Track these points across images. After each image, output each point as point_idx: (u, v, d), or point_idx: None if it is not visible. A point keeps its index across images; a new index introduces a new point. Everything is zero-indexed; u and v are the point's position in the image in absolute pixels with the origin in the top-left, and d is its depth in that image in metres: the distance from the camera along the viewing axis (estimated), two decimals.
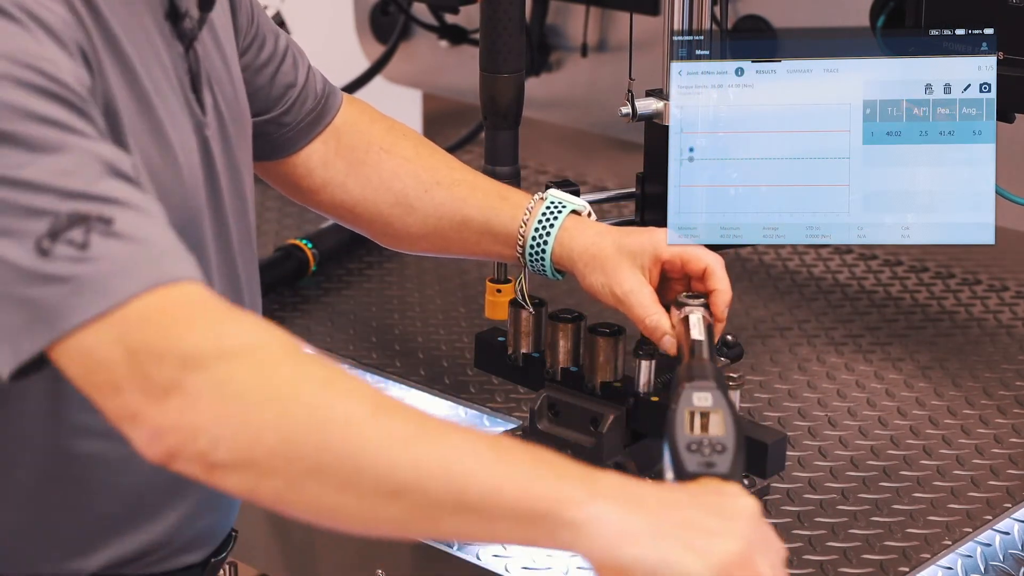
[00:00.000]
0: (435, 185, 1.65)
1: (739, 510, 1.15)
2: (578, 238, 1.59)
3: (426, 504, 1.10)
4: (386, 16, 2.72)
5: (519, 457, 1.13)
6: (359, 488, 1.09)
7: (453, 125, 2.74)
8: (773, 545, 1.17)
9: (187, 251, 1.17)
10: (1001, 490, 1.68)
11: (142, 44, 1.28)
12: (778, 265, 2.29)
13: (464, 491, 1.10)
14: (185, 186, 1.31)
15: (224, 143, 1.39)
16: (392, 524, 1.12)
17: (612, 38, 2.47)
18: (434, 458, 1.10)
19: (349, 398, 1.12)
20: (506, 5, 1.75)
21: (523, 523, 1.10)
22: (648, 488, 1.16)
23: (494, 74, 1.77)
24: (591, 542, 1.10)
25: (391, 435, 1.10)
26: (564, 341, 1.64)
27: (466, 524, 1.11)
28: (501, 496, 1.10)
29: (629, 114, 1.76)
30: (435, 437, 1.11)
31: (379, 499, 1.10)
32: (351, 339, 2.04)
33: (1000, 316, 2.12)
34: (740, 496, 1.17)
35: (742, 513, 1.15)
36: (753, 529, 1.15)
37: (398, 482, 1.09)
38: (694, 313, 1.49)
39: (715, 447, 1.24)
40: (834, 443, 1.78)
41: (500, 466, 1.11)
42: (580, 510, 1.10)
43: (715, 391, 1.31)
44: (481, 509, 1.10)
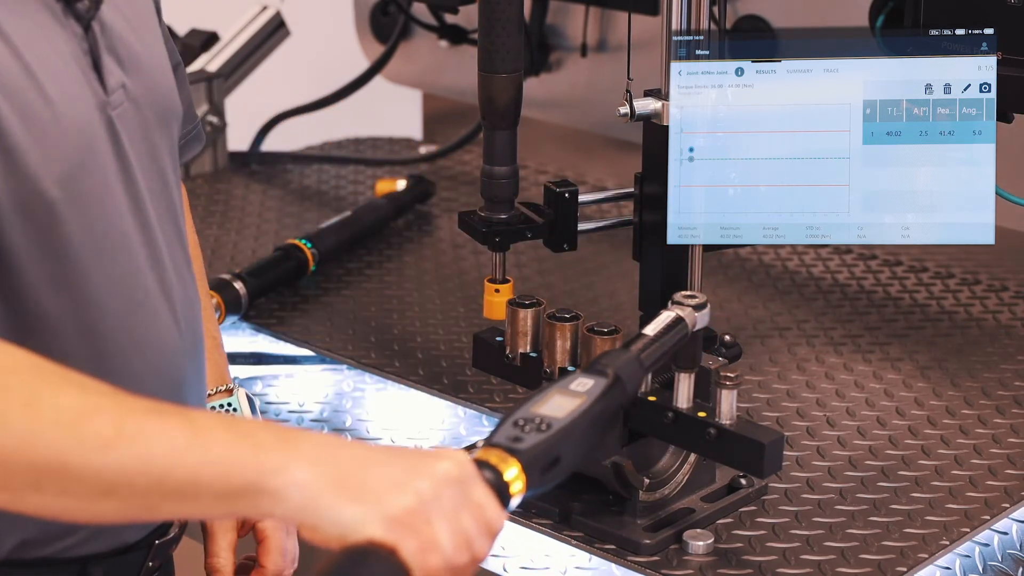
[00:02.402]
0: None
1: (427, 471, 1.19)
2: None
3: (137, 497, 1.19)
4: (386, 16, 2.73)
5: (217, 436, 1.19)
6: (74, 493, 1.18)
7: (453, 125, 2.74)
8: (470, 513, 1.19)
9: None
10: (999, 490, 1.68)
11: (25, 23, 1.29)
12: (778, 265, 2.29)
13: (167, 482, 1.18)
14: (74, 151, 1.31)
15: (141, 126, 1.39)
16: (114, 515, 1.22)
17: (612, 38, 2.47)
18: (134, 457, 1.17)
19: (52, 410, 1.18)
20: (505, 5, 1.75)
21: (227, 499, 1.18)
22: (350, 448, 1.21)
23: (492, 74, 1.77)
24: (285, 505, 1.17)
25: (92, 441, 1.17)
26: (561, 341, 1.64)
27: (178, 508, 1.21)
28: (200, 480, 1.18)
29: (627, 114, 1.76)
30: (133, 434, 1.18)
31: (95, 499, 1.19)
32: (350, 339, 2.04)
33: (999, 316, 2.12)
34: (440, 459, 1.20)
35: (429, 473, 1.18)
36: (435, 490, 1.18)
37: (107, 484, 1.18)
38: (671, 311, 1.50)
39: (540, 425, 1.28)
40: (832, 443, 1.78)
41: (196, 451, 1.18)
42: (276, 477, 1.17)
43: (601, 380, 1.36)
44: (186, 494, 1.18)
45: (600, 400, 1.34)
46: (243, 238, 2.36)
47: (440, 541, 1.17)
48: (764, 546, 1.57)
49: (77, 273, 1.32)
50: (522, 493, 1.24)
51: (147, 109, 1.40)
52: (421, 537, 1.16)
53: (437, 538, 1.17)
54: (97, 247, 1.33)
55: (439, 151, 2.69)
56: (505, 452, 1.25)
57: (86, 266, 1.33)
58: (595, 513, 1.59)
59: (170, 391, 1.40)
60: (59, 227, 1.30)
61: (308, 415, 1.87)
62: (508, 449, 1.25)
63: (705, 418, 1.50)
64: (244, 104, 2.74)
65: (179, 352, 1.42)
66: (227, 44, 2.69)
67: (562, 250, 1.81)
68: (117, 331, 1.36)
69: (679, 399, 1.52)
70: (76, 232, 1.31)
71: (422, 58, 2.70)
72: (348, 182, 2.62)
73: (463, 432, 1.83)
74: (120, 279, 1.36)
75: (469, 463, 1.22)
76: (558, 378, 1.37)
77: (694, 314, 1.50)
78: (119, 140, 1.36)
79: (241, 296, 2.07)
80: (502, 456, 1.24)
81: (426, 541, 1.16)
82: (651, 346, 1.45)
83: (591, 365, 1.39)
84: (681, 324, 1.49)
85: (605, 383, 1.36)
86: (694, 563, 1.54)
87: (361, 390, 1.94)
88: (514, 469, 1.24)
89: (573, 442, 1.29)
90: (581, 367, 1.40)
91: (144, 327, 1.38)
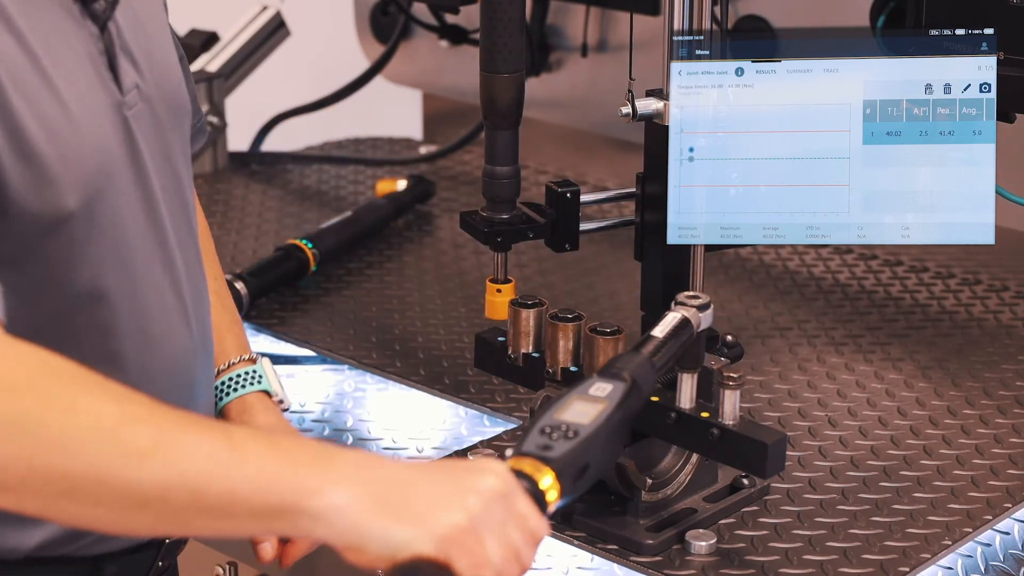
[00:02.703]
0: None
1: (473, 486, 1.19)
2: (249, 418, 1.57)
3: (172, 511, 1.17)
4: (386, 16, 2.73)
5: (254, 452, 1.18)
6: (108, 503, 1.17)
7: (453, 125, 2.74)
8: (516, 525, 1.19)
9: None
10: (1001, 490, 1.68)
11: (43, 25, 1.29)
12: (778, 265, 2.29)
13: (202, 496, 1.16)
14: (93, 160, 1.31)
15: (154, 125, 1.39)
16: (146, 528, 1.21)
17: (612, 38, 2.47)
18: (171, 469, 1.16)
19: (89, 418, 1.17)
20: (506, 5, 1.75)
21: (264, 517, 1.17)
22: (387, 466, 1.20)
23: (494, 74, 1.77)
24: (328, 527, 1.16)
25: (130, 452, 1.16)
26: (564, 341, 1.64)
27: (212, 524, 1.19)
28: (236, 496, 1.16)
29: (629, 114, 1.76)
30: (171, 446, 1.17)
31: (129, 510, 1.17)
32: (351, 339, 2.04)
33: (1000, 316, 2.12)
34: (483, 473, 1.20)
35: (476, 489, 1.18)
36: (483, 506, 1.18)
37: (142, 495, 1.16)
38: (676, 312, 1.50)
39: (567, 433, 1.28)
40: (834, 443, 1.78)
41: (234, 466, 1.17)
42: (315, 499, 1.16)
43: (619, 385, 1.36)
44: (221, 510, 1.17)
45: (621, 405, 1.34)
46: (243, 238, 2.36)
47: (491, 557, 1.17)
48: (766, 546, 1.57)
49: (92, 275, 1.33)
50: (557, 502, 1.25)
51: (160, 108, 1.40)
52: (473, 554, 1.16)
53: (488, 554, 1.17)
54: (112, 249, 1.34)
55: (439, 151, 2.69)
56: (539, 461, 1.25)
57: (101, 268, 1.33)
58: (597, 513, 1.59)
59: (181, 391, 1.41)
60: (77, 230, 1.30)
61: (309, 415, 1.87)
62: (541, 458, 1.25)
63: (708, 418, 1.51)
64: (244, 104, 2.74)
65: (191, 352, 1.42)
66: (227, 44, 2.69)
67: (564, 250, 1.81)
68: (131, 332, 1.36)
69: (682, 399, 1.52)
70: (92, 234, 1.32)
71: (422, 58, 2.70)
72: (348, 182, 2.62)
73: (464, 432, 1.83)
74: (134, 280, 1.36)
75: (511, 475, 1.22)
76: (576, 384, 1.37)
77: (698, 315, 1.50)
78: (134, 141, 1.36)
79: (242, 296, 2.07)
80: (536, 465, 1.24)
81: (478, 558, 1.16)
82: (662, 348, 1.45)
83: (606, 369, 1.39)
84: (688, 325, 1.49)
85: (624, 387, 1.36)
86: (696, 563, 1.54)
87: (362, 390, 1.94)
88: (548, 478, 1.24)
89: (600, 448, 1.30)
90: (596, 371, 1.39)
91: (157, 327, 1.38)
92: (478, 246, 2.24)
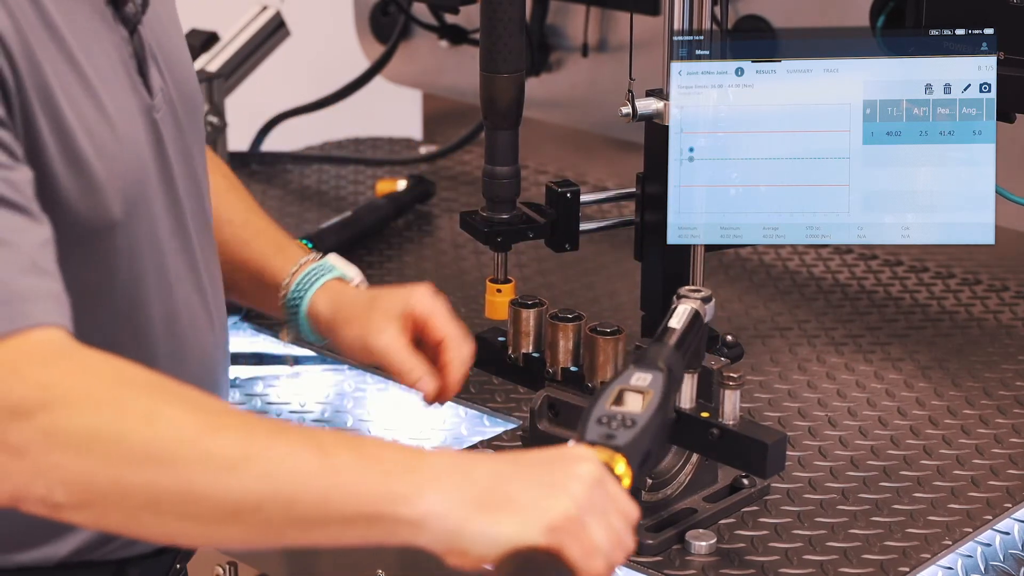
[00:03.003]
0: (227, 223, 1.63)
1: (574, 474, 1.18)
2: (337, 298, 1.59)
3: (263, 522, 1.14)
4: (386, 16, 2.73)
5: (345, 460, 1.15)
6: (196, 515, 1.14)
7: (453, 125, 2.74)
8: (615, 509, 1.19)
9: (47, 291, 1.17)
10: (1001, 490, 1.68)
11: (82, 30, 1.29)
12: (778, 265, 2.29)
13: (295, 506, 1.14)
14: (132, 166, 1.31)
15: (176, 127, 1.39)
16: (237, 541, 1.18)
17: (612, 38, 2.47)
18: (262, 479, 1.13)
19: (173, 428, 1.14)
20: (506, 5, 1.75)
21: (360, 526, 1.15)
22: (480, 463, 1.19)
23: (494, 74, 1.77)
24: (428, 535, 1.15)
25: (218, 462, 1.13)
26: (564, 341, 1.64)
27: (306, 534, 1.16)
28: (331, 506, 1.14)
29: (629, 114, 1.76)
30: (261, 455, 1.14)
31: (218, 523, 1.14)
32: None
33: (1000, 316, 2.12)
34: (579, 461, 1.20)
35: (577, 476, 1.18)
36: (587, 493, 1.17)
37: (232, 506, 1.13)
38: (684, 304, 1.50)
39: (625, 421, 1.28)
40: (834, 443, 1.78)
41: (326, 475, 1.14)
42: (411, 506, 1.14)
43: (658, 375, 1.36)
44: (316, 520, 1.15)
45: (665, 393, 1.35)
46: None
47: (599, 542, 1.17)
48: (766, 546, 1.57)
49: (132, 282, 1.32)
50: (629, 488, 1.25)
51: (180, 109, 1.41)
52: (583, 541, 1.16)
53: (596, 540, 1.16)
54: (149, 255, 1.33)
55: (439, 151, 2.69)
56: (609, 449, 1.25)
57: (140, 275, 1.33)
58: None
59: (207, 389, 1.41)
60: (119, 238, 1.30)
61: (309, 415, 1.87)
62: (611, 446, 1.26)
63: (708, 418, 1.51)
64: (244, 104, 2.73)
65: (215, 356, 1.43)
66: (227, 44, 2.69)
67: (564, 250, 1.81)
68: (161, 338, 1.36)
69: (682, 399, 1.52)
70: (132, 242, 1.31)
71: (422, 58, 2.70)
72: (348, 182, 2.62)
73: (464, 432, 1.83)
74: (163, 286, 1.36)
75: (600, 461, 1.22)
76: (617, 376, 1.37)
77: (704, 307, 1.51)
78: (162, 145, 1.36)
79: None
80: (608, 453, 1.25)
81: (588, 544, 1.16)
82: (685, 339, 1.45)
83: (639, 360, 1.39)
84: (699, 318, 1.49)
85: (664, 376, 1.36)
86: (696, 563, 1.54)
87: (362, 390, 1.94)
88: (621, 464, 1.25)
89: (656, 435, 1.31)
90: (629, 362, 1.39)
91: (184, 333, 1.38)
92: (478, 246, 2.24)
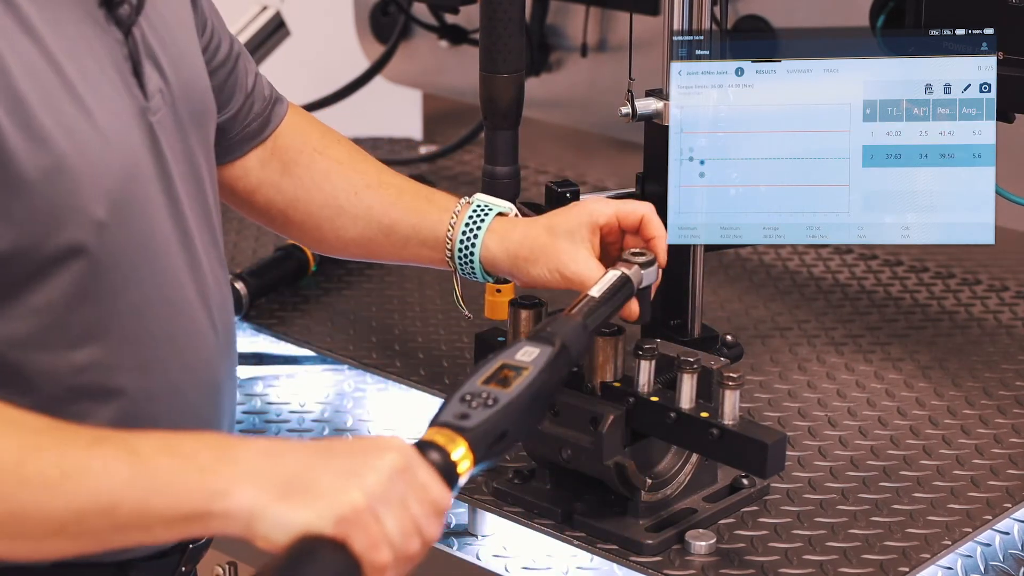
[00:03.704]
0: (364, 188, 1.67)
1: (373, 464, 1.19)
2: (509, 236, 1.61)
3: (87, 533, 1.19)
4: (386, 16, 2.72)
5: (161, 463, 1.19)
6: (25, 534, 1.18)
7: (453, 125, 2.74)
8: (418, 499, 1.20)
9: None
10: (1001, 490, 1.68)
11: (68, 32, 1.29)
12: (778, 265, 2.29)
13: (114, 515, 1.18)
14: (120, 169, 1.31)
15: (177, 129, 1.39)
16: (67, 552, 1.21)
17: (612, 38, 2.47)
18: (81, 494, 1.17)
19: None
20: (506, 5, 1.75)
21: (179, 524, 1.19)
22: (291, 452, 1.21)
23: (494, 74, 1.77)
24: (237, 524, 1.18)
25: (36, 483, 1.17)
26: None
27: (129, 538, 1.20)
28: (148, 510, 1.18)
29: (629, 114, 1.76)
30: (78, 471, 1.18)
31: (46, 538, 1.19)
32: (351, 339, 2.04)
33: (1000, 316, 2.12)
34: (383, 450, 1.21)
35: (375, 467, 1.19)
36: (382, 483, 1.18)
37: (55, 523, 1.18)
38: (616, 269, 1.51)
39: (487, 400, 1.28)
40: (834, 443, 1.78)
41: (141, 481, 1.18)
42: (224, 501, 1.18)
43: (546, 350, 1.35)
44: (136, 525, 1.19)
45: (545, 371, 1.34)
46: (244, 238, 2.36)
47: (390, 534, 1.18)
48: (766, 546, 1.57)
49: (122, 283, 1.32)
50: (470, 470, 1.25)
51: (183, 111, 1.40)
52: (370, 532, 1.17)
53: (387, 531, 1.18)
54: (141, 257, 1.33)
55: (439, 151, 2.69)
56: (452, 431, 1.25)
57: (131, 276, 1.33)
58: (597, 513, 1.59)
59: (208, 395, 1.41)
60: (111, 239, 1.30)
61: (309, 415, 1.87)
62: (455, 428, 1.26)
63: (708, 418, 1.51)
64: None
65: (215, 356, 1.43)
66: None
67: None
68: (160, 339, 1.36)
69: (681, 399, 1.52)
70: (121, 243, 1.31)
71: (422, 58, 2.70)
72: None
73: None
74: (161, 287, 1.36)
75: (411, 449, 1.22)
76: (504, 349, 1.36)
77: (640, 272, 1.52)
78: (159, 146, 1.36)
79: (242, 296, 2.07)
80: (449, 436, 1.25)
81: (375, 535, 1.17)
82: (597, 310, 1.45)
83: (536, 332, 1.39)
84: (628, 283, 1.50)
85: (551, 352, 1.35)
86: (696, 563, 1.54)
87: (362, 390, 1.94)
88: (461, 448, 1.24)
89: (521, 414, 1.30)
90: (527, 333, 1.39)
91: (184, 333, 1.39)
92: None
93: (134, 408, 1.34)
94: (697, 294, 1.84)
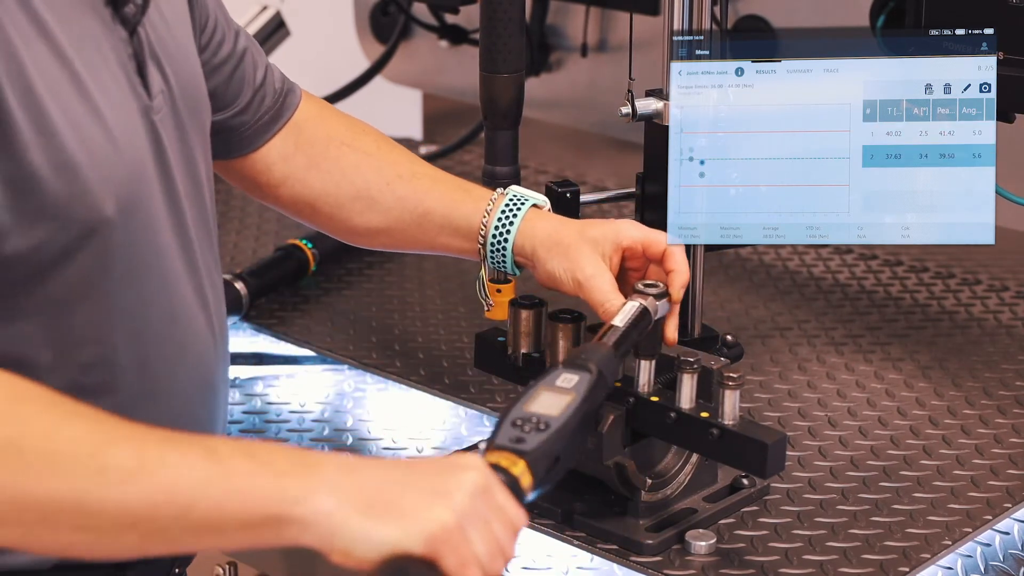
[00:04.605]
0: (396, 178, 1.68)
1: (457, 484, 1.19)
2: (540, 227, 1.62)
3: (159, 530, 1.17)
4: (386, 16, 2.73)
5: (237, 465, 1.18)
6: (92, 528, 1.16)
7: (453, 125, 2.74)
8: (498, 519, 1.20)
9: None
10: (1001, 490, 1.68)
11: (77, 30, 1.29)
12: (778, 265, 2.29)
13: (190, 513, 1.16)
14: (127, 168, 1.31)
15: (177, 128, 1.39)
16: (132, 550, 1.19)
17: (612, 38, 2.47)
18: (157, 488, 1.16)
19: (70, 445, 1.16)
20: (506, 5, 1.75)
21: (252, 529, 1.17)
22: (372, 467, 1.20)
23: (494, 74, 1.77)
24: (314, 533, 1.17)
25: (113, 474, 1.15)
26: (564, 341, 1.64)
27: (201, 540, 1.19)
28: (224, 511, 1.16)
29: (629, 114, 1.76)
30: (155, 465, 1.16)
31: (114, 533, 1.16)
32: (351, 339, 2.04)
33: (1000, 316, 2.12)
34: (466, 470, 1.21)
35: (460, 486, 1.19)
36: (468, 502, 1.18)
37: (128, 516, 1.15)
38: (634, 300, 1.52)
39: (539, 424, 1.29)
40: (834, 443, 1.78)
41: (219, 481, 1.17)
42: (300, 507, 1.16)
43: (585, 376, 1.37)
44: (210, 526, 1.17)
45: (588, 397, 1.35)
46: (244, 238, 2.37)
47: (477, 552, 1.18)
48: (766, 546, 1.57)
49: (125, 282, 1.32)
50: (530, 493, 1.25)
51: (182, 109, 1.40)
52: (460, 551, 1.17)
53: (474, 550, 1.17)
54: (143, 256, 1.34)
55: (439, 151, 2.69)
56: (512, 454, 1.26)
57: (133, 275, 1.33)
58: (597, 513, 1.59)
59: (204, 395, 1.41)
60: (114, 237, 1.30)
61: (309, 415, 1.87)
62: (514, 451, 1.26)
63: (708, 418, 1.51)
64: None
65: (213, 357, 1.43)
66: None
67: None
68: (159, 340, 1.36)
69: (682, 399, 1.52)
70: (128, 241, 1.31)
71: (422, 58, 2.70)
72: None
73: (464, 432, 1.83)
74: (161, 288, 1.36)
75: (489, 469, 1.22)
76: (543, 375, 1.37)
77: (655, 303, 1.53)
78: (161, 146, 1.36)
79: (242, 296, 2.07)
80: (512, 459, 1.25)
81: (465, 554, 1.17)
82: (625, 338, 1.47)
83: (571, 360, 1.40)
84: (647, 314, 1.51)
85: (590, 379, 1.37)
86: (696, 563, 1.54)
87: (362, 390, 1.94)
88: (523, 470, 1.25)
89: (570, 439, 1.31)
90: (561, 362, 1.40)
91: (183, 334, 1.39)
92: None
93: (132, 407, 1.33)
94: (697, 294, 1.85)
